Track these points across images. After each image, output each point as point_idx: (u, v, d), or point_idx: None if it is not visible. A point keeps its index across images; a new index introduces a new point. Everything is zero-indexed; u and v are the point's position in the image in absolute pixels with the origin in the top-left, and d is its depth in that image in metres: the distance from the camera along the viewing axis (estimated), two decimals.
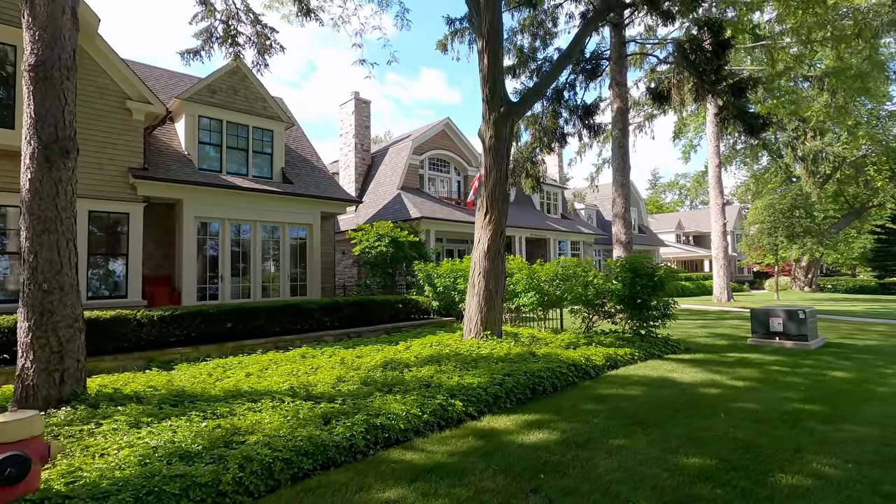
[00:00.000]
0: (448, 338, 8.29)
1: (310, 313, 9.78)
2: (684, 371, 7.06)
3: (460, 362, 6.54)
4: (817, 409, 5.35)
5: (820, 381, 6.65)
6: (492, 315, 7.82)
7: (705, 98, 13.22)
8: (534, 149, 16.29)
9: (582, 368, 6.59)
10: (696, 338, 10.80)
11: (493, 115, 7.44)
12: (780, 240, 25.05)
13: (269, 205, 14.27)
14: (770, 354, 8.65)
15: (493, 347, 7.34)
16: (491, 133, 7.49)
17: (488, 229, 7.84)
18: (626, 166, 14.21)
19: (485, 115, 7.56)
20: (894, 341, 10.49)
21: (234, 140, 14.74)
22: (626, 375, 6.71)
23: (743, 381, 6.57)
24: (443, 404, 4.79)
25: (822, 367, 7.58)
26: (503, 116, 7.38)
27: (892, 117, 30.37)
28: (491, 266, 7.80)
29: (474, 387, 5.29)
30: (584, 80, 16.53)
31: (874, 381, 6.73)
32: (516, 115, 8.52)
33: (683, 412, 5.11)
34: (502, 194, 7.65)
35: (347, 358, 7.15)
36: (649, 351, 8.17)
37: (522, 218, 25.04)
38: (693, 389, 6.04)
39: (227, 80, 14.70)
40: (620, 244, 13.96)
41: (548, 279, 10.20)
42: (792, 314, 9.62)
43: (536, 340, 8.62)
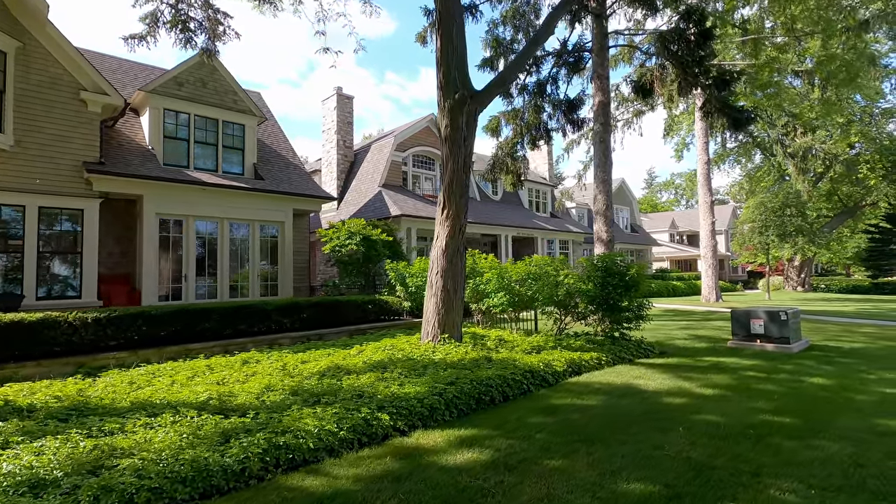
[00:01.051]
0: (405, 341, 7.79)
1: (266, 315, 9.27)
2: (652, 377, 6.57)
3: (408, 369, 6.04)
4: (788, 421, 4.87)
5: (796, 388, 6.18)
6: (450, 317, 7.32)
7: (689, 91, 12.75)
8: (514, 144, 15.79)
9: (539, 375, 6.10)
10: (675, 340, 10.32)
11: (447, 103, 6.94)
12: (772, 239, 24.61)
13: (238, 201, 13.74)
14: (748, 358, 8.17)
15: (449, 352, 6.85)
16: (446, 122, 7.00)
17: (446, 225, 7.34)
18: (608, 162, 13.73)
19: (439, 103, 7.05)
20: (881, 344, 10.03)
21: (202, 134, 14.20)
22: (588, 383, 6.22)
23: (713, 388, 6.09)
24: (367, 418, 4.29)
25: (801, 372, 7.11)
26: (458, 104, 6.89)
27: (885, 115, 29.99)
28: (449, 265, 7.30)
29: (409, 397, 4.79)
30: (568, 74, 16.04)
31: (854, 388, 6.25)
32: (479, 104, 8.02)
33: (639, 426, 4.62)
34: (460, 188, 7.15)
35: (290, 364, 6.64)
36: (619, 355, 7.68)
37: (509, 216, 24.55)
38: (656, 399, 5.55)
39: (196, 72, 14.16)
40: (602, 242, 13.47)
41: (519, 279, 9.70)
42: (773, 315, 9.15)
43: (503, 343, 8.14)
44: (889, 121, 30.22)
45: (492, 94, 8.18)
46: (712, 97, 12.21)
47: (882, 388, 6.29)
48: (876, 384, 6.47)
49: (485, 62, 14.51)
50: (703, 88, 12.40)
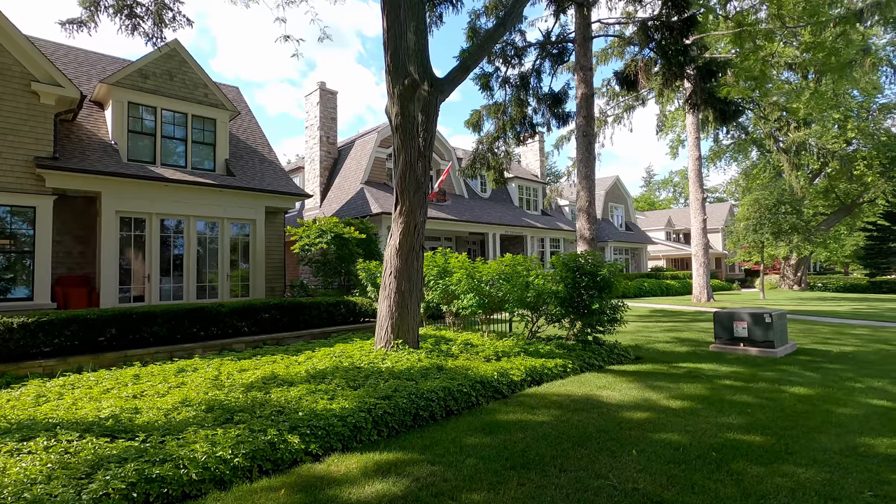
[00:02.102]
0: (358, 347, 7.25)
1: (219, 318, 8.74)
2: (618, 387, 6.04)
3: (348, 379, 5.51)
4: (758, 440, 4.34)
5: (774, 400, 5.64)
6: (405, 321, 6.78)
7: (673, 83, 12.20)
8: (495, 139, 15.25)
9: (492, 386, 5.57)
10: (656, 343, 9.79)
11: (396, 89, 6.39)
12: (766, 237, 24.04)
13: (206, 198, 13.19)
14: (728, 364, 7.64)
15: (399, 360, 6.31)
16: (396, 110, 6.45)
17: (399, 222, 6.80)
18: (592, 157, 13.18)
19: (388, 89, 6.51)
20: (872, 347, 9.51)
21: (170, 129, 13.66)
22: (545, 394, 5.68)
23: (682, 400, 5.56)
24: (273, 441, 3.76)
25: (782, 381, 6.58)
26: (408, 90, 6.35)
27: (883, 110, 29.42)
28: (403, 265, 6.76)
29: (332, 415, 4.26)
30: (552, 67, 15.51)
31: (837, 399, 5.72)
32: (441, 92, 7.47)
33: (588, 447, 4.09)
34: (414, 181, 6.61)
35: (226, 373, 6.11)
36: (589, 361, 7.15)
37: (497, 214, 24.03)
38: (615, 413, 5.02)
39: (163, 65, 13.61)
40: (584, 240, 12.93)
41: (489, 279, 9.16)
42: (757, 318, 8.62)
43: (469, 348, 7.61)
44: (887, 116, 29.67)
45: (454, 81, 7.64)
46: (698, 88, 11.67)
47: (868, 398, 5.76)
48: (862, 394, 5.94)
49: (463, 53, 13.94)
50: (688, 80, 11.85)
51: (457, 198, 23.62)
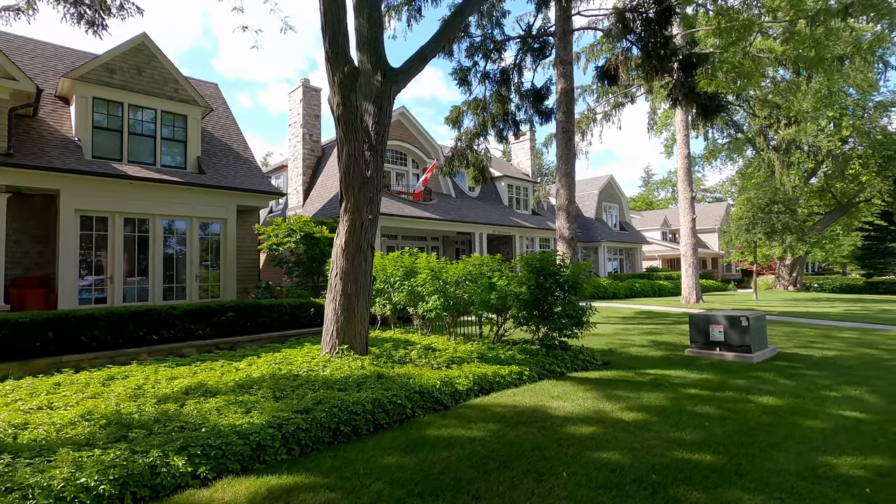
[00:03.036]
0: (302, 353, 6.83)
1: (169, 321, 8.33)
2: (572, 397, 5.62)
3: (277, 389, 5.10)
4: (708, 459, 3.92)
5: (738, 411, 5.23)
6: (351, 325, 6.37)
7: (654, 77, 11.78)
8: (475, 135, 14.83)
9: (432, 397, 5.15)
10: (630, 347, 9.38)
11: (336, 77, 5.97)
12: (759, 236, 23.61)
13: (174, 197, 12.79)
14: (700, 371, 7.22)
15: (340, 367, 5.90)
16: (338, 100, 6.04)
17: (345, 220, 6.39)
18: (572, 154, 12.77)
19: (328, 77, 6.09)
20: (857, 352, 9.08)
21: (138, 125, 13.25)
22: (490, 405, 5.27)
23: (638, 412, 5.14)
24: (154, 464, 3.35)
25: (752, 389, 6.16)
26: (349, 78, 5.94)
27: (878, 108, 28.98)
28: (350, 265, 6.35)
29: (234, 432, 3.84)
30: (533, 61, 15.11)
31: (808, 410, 5.31)
32: (396, 83, 7.06)
33: (515, 468, 3.67)
34: (359, 176, 6.19)
35: (153, 381, 5.70)
36: (549, 368, 6.73)
37: (484, 213, 23.61)
38: (560, 427, 4.61)
39: (131, 59, 13.21)
40: (563, 240, 12.52)
41: (455, 281, 8.75)
42: (734, 321, 8.20)
43: (429, 353, 7.20)
44: (883, 114, 29.22)
45: (411, 72, 7.22)
46: (678, 83, 11.25)
47: (841, 409, 5.35)
48: (835, 404, 5.53)
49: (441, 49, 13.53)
50: (669, 73, 11.44)
51: (443, 197, 23.21)
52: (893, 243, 35.63)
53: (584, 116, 22.20)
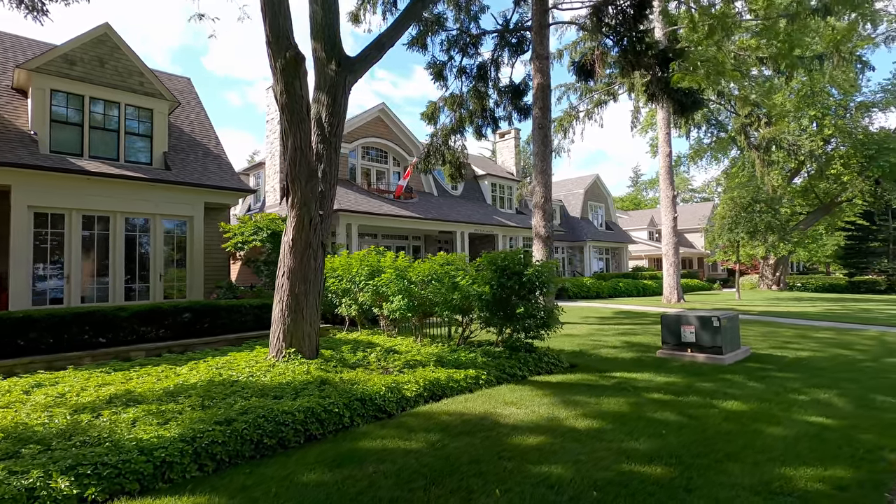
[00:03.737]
0: (248, 357, 6.46)
1: (116, 323, 7.90)
2: (527, 403, 5.31)
3: (208, 397, 4.74)
4: (658, 472, 3.63)
5: (699, 417, 4.96)
6: (299, 327, 6.02)
7: (631, 72, 11.54)
8: (452, 131, 14.51)
9: (375, 404, 4.82)
10: (602, 349, 9.11)
11: (278, 63, 5.61)
12: (741, 236, 23.57)
13: (136, 193, 12.32)
14: (668, 373, 6.96)
15: (284, 372, 5.55)
16: (281, 87, 5.68)
17: (292, 216, 6.04)
18: (548, 150, 12.48)
19: (270, 64, 5.74)
20: (830, 353, 8.90)
21: (100, 119, 12.75)
22: (437, 413, 4.94)
23: (594, 419, 4.85)
24: (33, 486, 2.98)
25: (718, 393, 5.90)
26: (291, 64, 5.58)
27: (860, 108, 29.13)
28: (297, 264, 6.00)
29: (136, 447, 3.48)
30: (510, 57, 14.82)
31: (772, 416, 5.05)
32: (351, 73, 6.71)
33: (445, 485, 3.35)
34: (306, 169, 5.84)
35: (80, 388, 5.31)
36: (510, 372, 6.43)
37: (466, 212, 23.31)
38: (506, 437, 4.30)
39: (93, 50, 12.71)
40: (540, 238, 12.24)
41: (420, 280, 8.42)
42: (705, 322, 7.96)
43: (390, 356, 6.87)
44: (864, 115, 29.38)
45: (367, 61, 6.88)
46: (654, 78, 11.02)
47: (806, 414, 5.10)
48: (801, 409, 5.28)
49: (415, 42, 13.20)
50: (646, 69, 11.20)
51: (425, 195, 22.87)
52: (875, 243, 35.94)
53: (567, 114, 22.01)
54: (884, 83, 29.26)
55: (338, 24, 6.75)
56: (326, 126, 6.50)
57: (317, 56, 6.68)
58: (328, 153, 6.49)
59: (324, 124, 6.50)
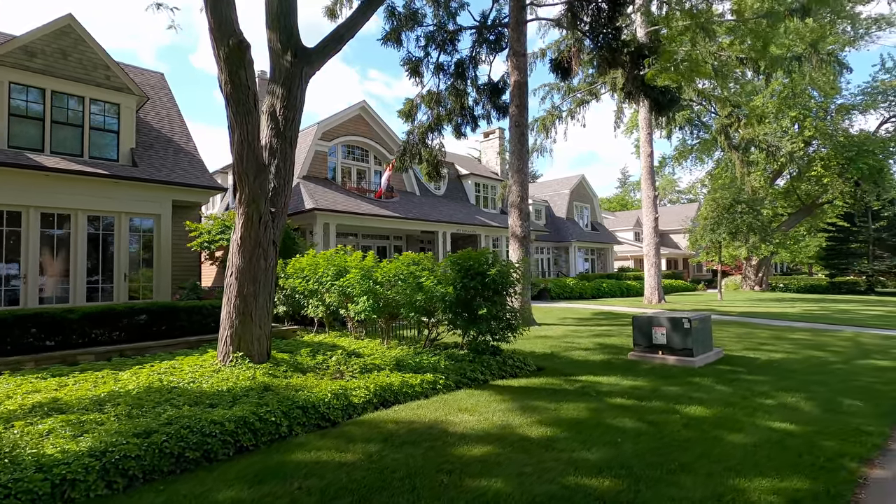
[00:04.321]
0: (195, 362, 6.15)
1: (66, 325, 7.53)
2: (483, 410, 5.07)
3: (138, 405, 4.44)
4: (606, 485, 3.41)
5: (659, 424, 4.75)
6: (247, 330, 5.72)
7: (607, 69, 11.39)
8: (429, 129, 14.26)
9: (318, 412, 4.54)
10: (573, 351, 8.92)
11: (222, 51, 5.31)
12: (723, 236, 23.62)
13: (99, 191, 11.89)
14: (635, 377, 6.77)
15: (227, 377, 5.25)
16: (225, 77, 5.39)
17: (241, 213, 5.74)
18: (525, 149, 12.28)
19: (214, 52, 5.44)
20: (804, 354, 8.79)
21: (63, 114, 12.30)
22: (384, 421, 4.68)
23: (550, 427, 4.62)
24: None
25: (683, 397, 5.71)
26: (236, 52, 5.29)
27: (840, 111, 29.39)
28: (246, 263, 5.71)
29: (33, 463, 3.18)
30: (489, 54, 14.61)
31: (735, 421, 4.86)
32: (308, 64, 6.43)
33: None
34: (254, 164, 5.55)
35: (2, 397, 4.96)
36: (471, 376, 6.19)
37: (448, 212, 23.06)
38: (451, 448, 4.05)
39: (55, 41, 12.26)
40: (516, 238, 12.03)
41: (386, 280, 8.15)
42: (676, 323, 7.79)
43: (350, 360, 6.60)
44: (844, 117, 29.66)
45: (325, 52, 6.60)
46: (630, 75, 10.87)
47: (771, 420, 4.92)
48: (766, 414, 5.10)
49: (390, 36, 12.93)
50: (621, 66, 11.04)
51: (407, 195, 22.59)
52: (856, 244, 36.35)
53: (550, 114, 21.88)
54: (863, 86, 29.57)
55: (295, 13, 6.46)
56: (281, 119, 6.21)
57: (272, 46, 6.39)
58: (283, 148, 6.20)
59: (278, 118, 6.21)
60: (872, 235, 34.89)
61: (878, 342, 10.28)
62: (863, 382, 6.69)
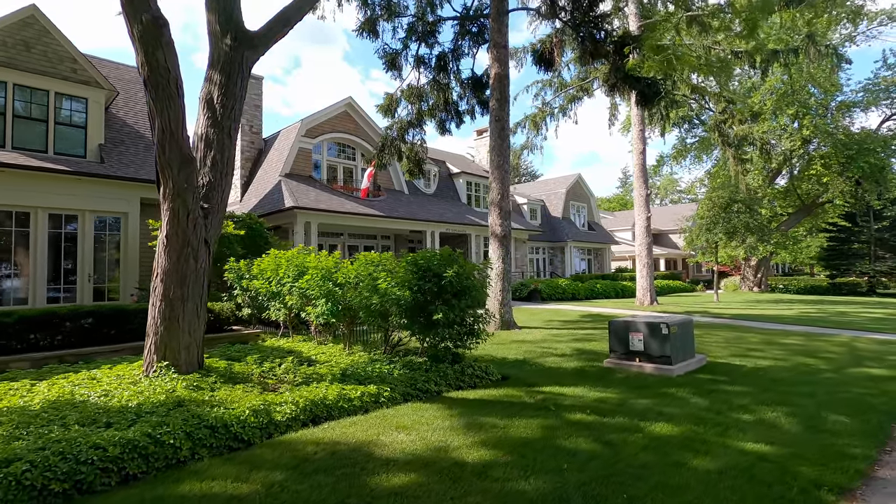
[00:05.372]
0: (118, 371, 5.66)
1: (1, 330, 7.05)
2: (422, 428, 4.56)
3: (25, 424, 3.94)
4: None
5: (618, 445, 4.24)
6: (174, 338, 5.23)
7: (590, 61, 10.86)
8: (410, 125, 13.76)
9: (231, 432, 4.04)
10: (550, 357, 8.39)
11: (135, 29, 4.81)
12: (719, 236, 23.02)
13: (63, 188, 11.45)
14: (605, 387, 6.25)
15: (142, 391, 4.75)
16: (141, 58, 4.89)
17: (166, 208, 5.25)
18: (505, 144, 11.76)
19: (128, 30, 4.93)
20: (794, 361, 8.25)
21: (25, 107, 11.86)
22: (305, 442, 4.17)
23: (492, 449, 4.11)
24: None
25: (651, 412, 5.19)
26: (150, 30, 4.78)
27: (841, 108, 28.75)
28: (172, 264, 5.21)
29: None
30: (471, 46, 14.09)
31: (703, 442, 4.34)
32: (251, 48, 5.93)
33: None
34: (177, 154, 5.05)
35: None
36: (422, 387, 5.67)
37: (437, 211, 22.55)
38: (369, 477, 3.54)
39: (17, 33, 11.83)
40: (496, 238, 11.52)
41: (347, 282, 7.66)
42: (654, 329, 7.27)
43: (301, 369, 6.11)
44: (845, 114, 29.01)
45: (269, 37, 6.11)
46: (614, 67, 10.34)
47: (743, 440, 4.40)
48: (739, 433, 4.58)
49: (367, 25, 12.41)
50: (604, 57, 10.51)
51: (395, 193, 22.09)
52: (857, 244, 35.66)
53: (541, 111, 21.38)
54: (865, 82, 28.90)
55: None
56: (219, 108, 5.72)
57: (211, 29, 5.90)
58: (220, 139, 5.70)
59: (215, 106, 5.71)
60: (874, 235, 34.21)
61: (875, 348, 9.74)
62: (853, 394, 6.15)
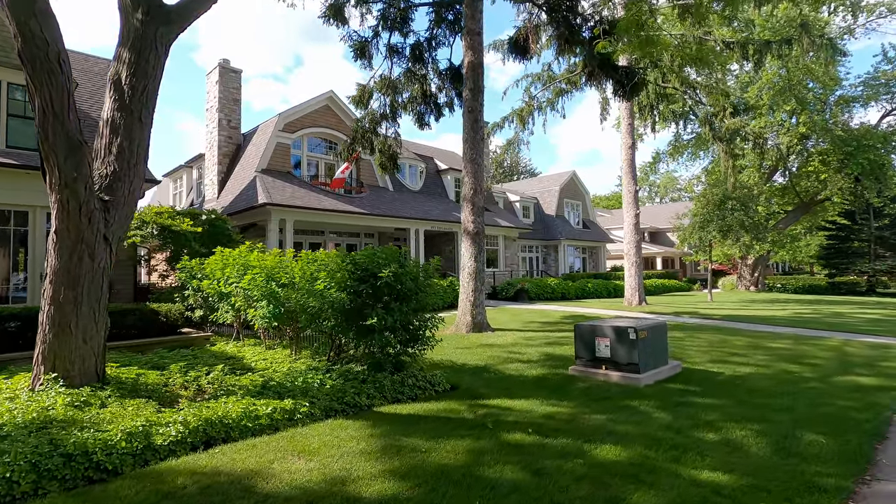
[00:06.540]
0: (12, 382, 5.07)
1: None
2: (329, 453, 3.96)
3: None
4: None
5: (550, 474, 3.63)
6: (65, 346, 4.64)
7: (566, 48, 10.24)
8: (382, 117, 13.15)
9: (91, 462, 3.45)
10: (513, 363, 7.79)
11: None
12: (713, 235, 22.40)
13: (12, 182, 10.85)
14: (560, 400, 5.65)
15: (14, 408, 4.16)
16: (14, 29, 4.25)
17: (54, 200, 4.63)
18: (479, 136, 11.16)
19: None
20: (776, 368, 7.63)
21: None
22: (182, 470, 3.57)
23: (399, 481, 3.51)
24: None
25: (602, 432, 4.58)
26: None
27: (840, 103, 28.05)
28: (64, 263, 4.62)
29: None
30: (449, 34, 13.47)
31: (652, 469, 3.73)
32: (165, 23, 5.33)
33: None
34: (64, 141, 4.44)
35: None
36: (349, 401, 5.07)
37: (422, 208, 21.94)
38: None
39: None
40: (468, 235, 10.93)
41: (290, 283, 7.06)
42: (621, 333, 6.67)
43: (229, 379, 5.53)
44: (844, 110, 28.30)
45: (189, 11, 5.51)
46: (590, 54, 9.72)
47: (700, 467, 3.79)
48: (697, 458, 3.97)
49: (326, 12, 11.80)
50: (581, 44, 9.89)
51: (378, 190, 21.48)
52: (857, 243, 34.96)
53: (528, 105, 20.70)
54: (864, 77, 28.17)
55: None
56: (127, 89, 5.13)
57: (121, 3, 5.30)
58: (128, 123, 5.11)
59: (123, 87, 5.12)
60: (874, 234, 33.52)
61: (866, 352, 9.12)
62: (835, 408, 5.55)
